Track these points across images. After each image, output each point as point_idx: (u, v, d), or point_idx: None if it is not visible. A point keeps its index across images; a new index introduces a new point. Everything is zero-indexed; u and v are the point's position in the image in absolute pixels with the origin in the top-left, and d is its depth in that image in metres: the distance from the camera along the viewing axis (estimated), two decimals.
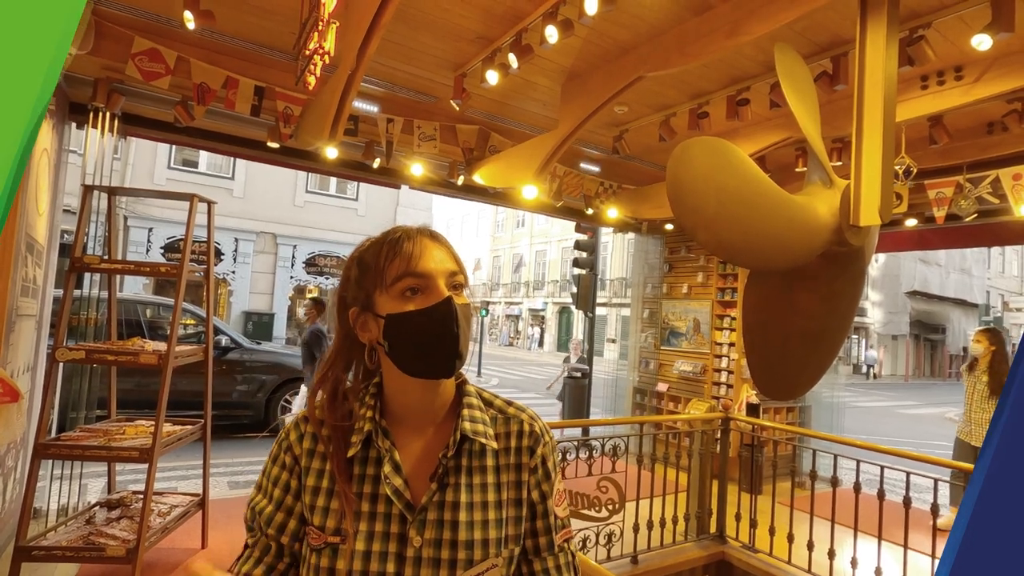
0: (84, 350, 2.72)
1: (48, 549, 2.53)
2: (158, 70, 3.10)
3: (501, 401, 0.90)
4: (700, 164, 1.70)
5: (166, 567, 3.05)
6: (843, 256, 1.97)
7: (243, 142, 4.10)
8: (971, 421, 4.43)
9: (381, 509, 0.77)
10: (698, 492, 3.97)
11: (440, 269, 0.80)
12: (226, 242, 13.06)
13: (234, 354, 6.81)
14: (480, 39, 3.09)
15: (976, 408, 4.41)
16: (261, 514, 0.82)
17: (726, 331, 5.72)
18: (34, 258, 3.21)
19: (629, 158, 4.73)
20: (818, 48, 2.96)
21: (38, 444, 2.59)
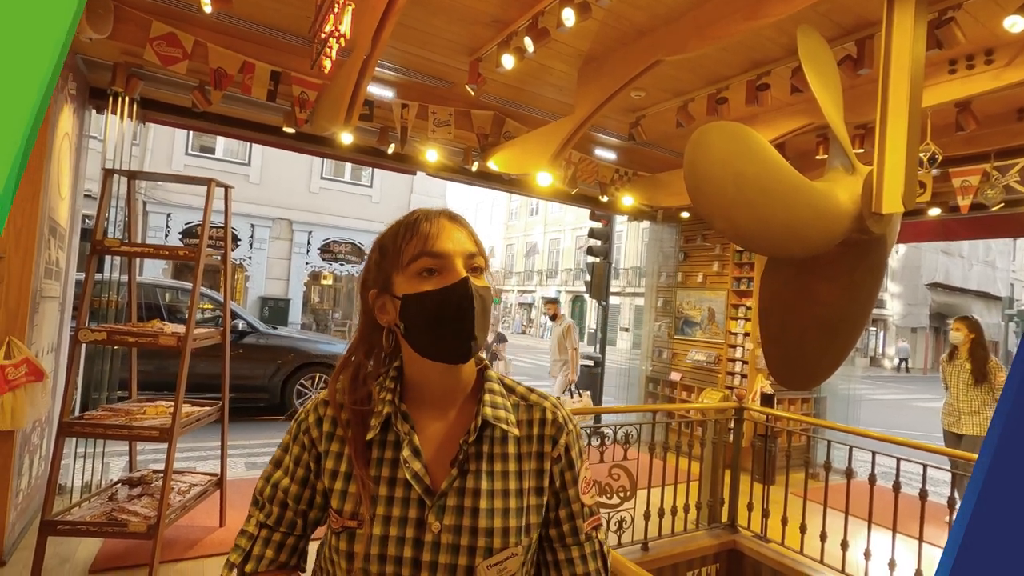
0: (106, 331, 2.78)
1: (72, 524, 2.60)
2: (176, 55, 3.12)
3: (523, 388, 0.89)
4: (718, 149, 1.68)
5: (186, 543, 3.13)
6: (864, 244, 1.93)
7: (259, 127, 4.11)
8: (958, 411, 4.38)
9: (399, 494, 0.77)
10: (710, 481, 3.97)
11: (458, 250, 0.79)
12: (242, 228, 13.21)
13: (251, 338, 6.91)
14: (496, 22, 3.05)
15: (963, 397, 4.37)
16: (278, 487, 0.82)
17: (741, 321, 5.67)
18: (57, 241, 3.28)
19: (645, 145, 4.68)
20: (842, 31, 2.89)
21: (62, 422, 2.65)
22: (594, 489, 0.91)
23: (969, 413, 4.33)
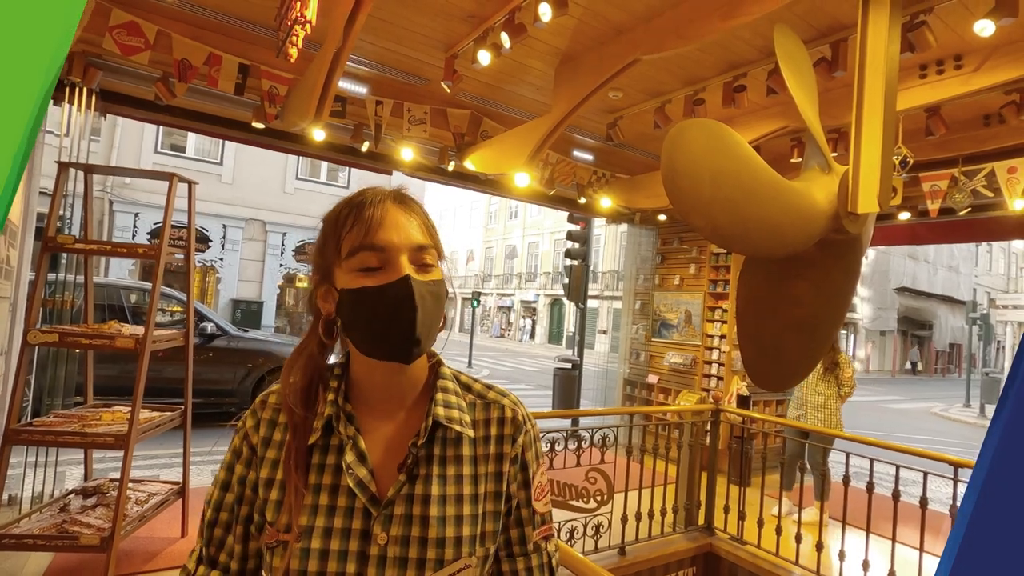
0: (57, 333, 2.63)
1: (19, 537, 2.45)
2: (137, 44, 2.98)
3: (481, 385, 0.82)
4: (696, 146, 1.64)
5: (144, 556, 2.98)
6: (840, 244, 1.92)
7: (227, 123, 3.98)
8: (806, 404, 4.32)
9: (342, 503, 0.70)
10: (687, 484, 3.95)
11: (404, 243, 0.71)
12: (214, 228, 12.88)
13: (220, 341, 6.70)
14: (472, 18, 3.00)
15: (811, 390, 4.31)
16: (219, 512, 0.75)
17: (717, 323, 5.70)
18: (8, 239, 3.11)
19: (623, 146, 4.67)
20: (817, 33, 2.90)
21: (8, 430, 2.50)
22: (549, 496, 0.84)
23: (816, 407, 4.27)
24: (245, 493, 0.74)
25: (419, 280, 0.71)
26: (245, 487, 0.74)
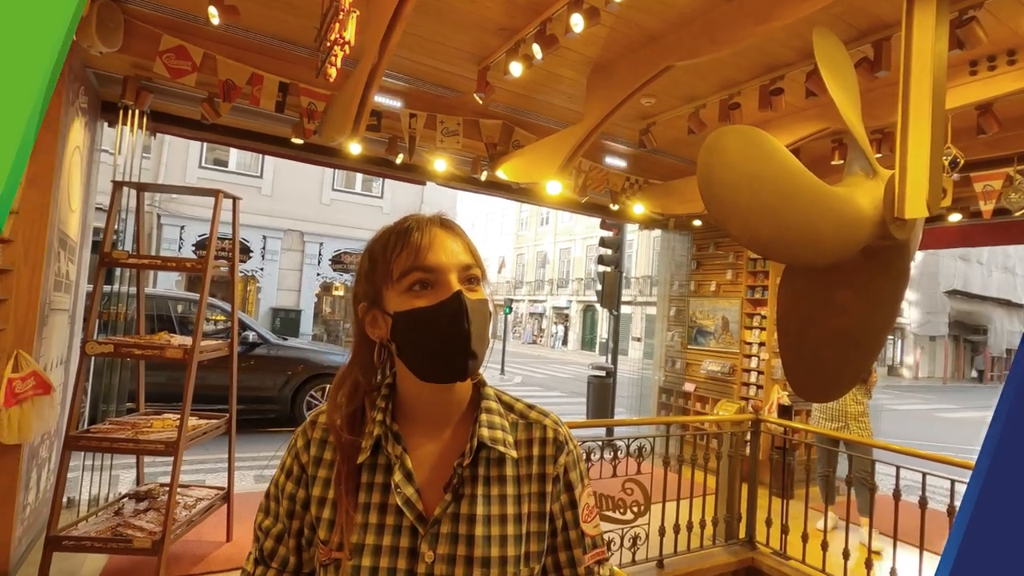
0: (113, 344, 2.76)
1: (77, 539, 2.57)
2: (185, 67, 3.13)
3: (522, 405, 0.83)
4: (733, 152, 1.62)
5: (192, 559, 3.09)
6: (886, 251, 1.86)
7: (268, 139, 4.12)
8: (845, 415, 4.10)
9: (391, 521, 0.72)
10: (727, 496, 3.86)
11: (452, 262, 0.74)
12: (254, 239, 13.31)
13: (261, 349, 6.91)
14: (504, 30, 3.03)
15: (850, 401, 4.10)
16: (268, 534, 0.78)
17: (756, 330, 5.56)
18: (67, 254, 3.28)
19: (656, 152, 4.62)
20: (858, 33, 2.82)
21: (68, 436, 2.63)
22: (597, 518, 0.84)
23: (856, 418, 4.08)
24: (295, 509, 0.77)
25: (470, 298, 0.73)
26: (295, 503, 0.77)
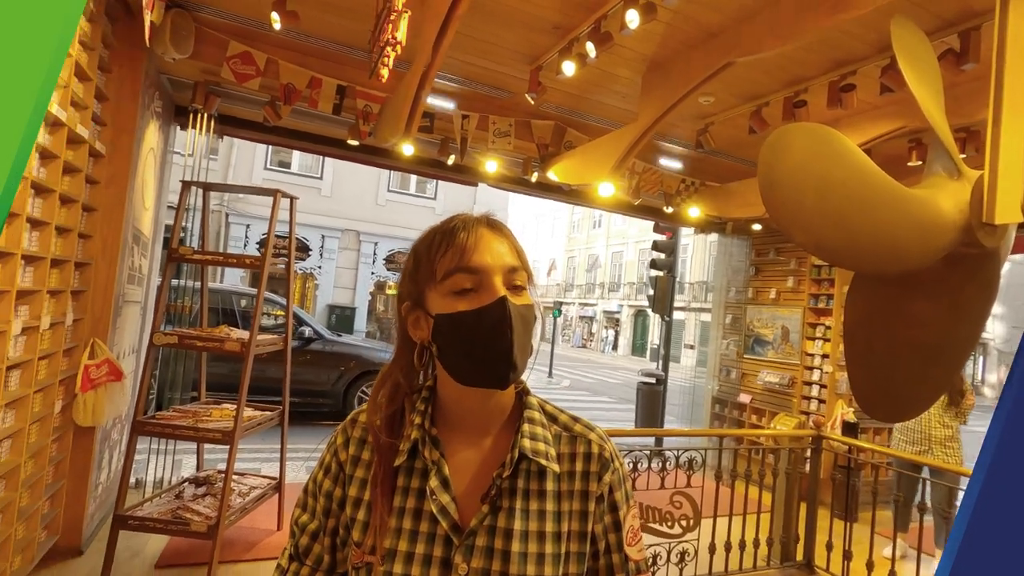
0: (177, 335, 2.91)
1: (141, 519, 2.72)
2: (249, 72, 3.26)
3: (567, 417, 0.79)
4: (798, 152, 1.51)
5: (244, 545, 3.21)
6: (972, 259, 1.69)
7: (326, 140, 4.25)
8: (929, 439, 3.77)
9: (425, 528, 0.69)
10: (783, 515, 3.65)
11: (497, 264, 0.71)
12: (313, 238, 13.82)
13: (316, 345, 7.14)
14: (557, 29, 2.99)
15: (935, 424, 3.75)
16: (304, 531, 0.77)
17: (819, 341, 5.26)
18: (140, 249, 3.49)
19: (714, 153, 4.45)
20: (942, 22, 2.60)
21: (135, 421, 2.79)
22: (642, 542, 0.79)
23: (942, 443, 3.73)
24: (332, 507, 0.76)
25: (514, 303, 0.70)
26: (332, 501, 0.76)
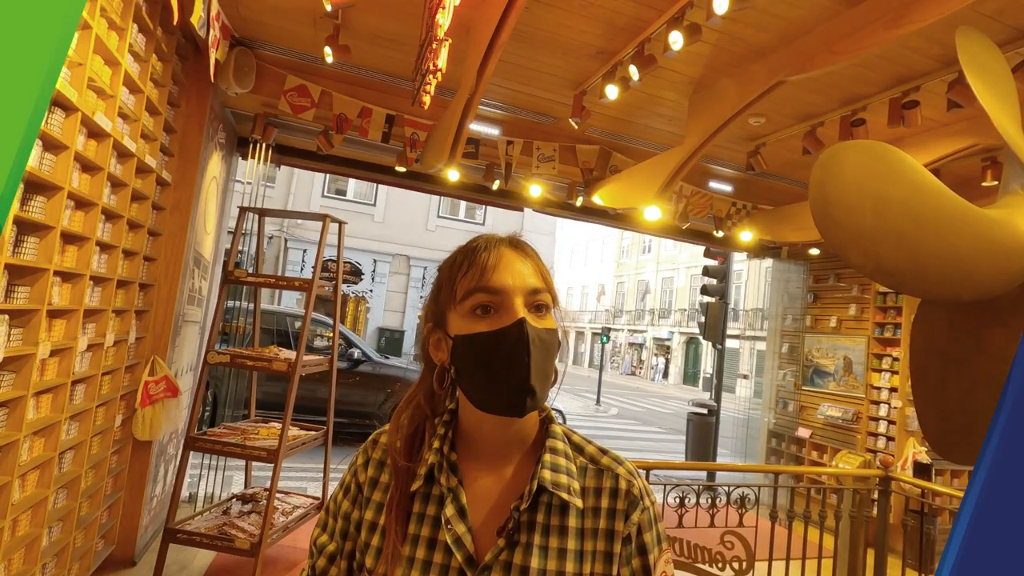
0: (229, 355, 3.02)
1: (189, 534, 2.79)
2: (305, 104, 3.42)
3: (594, 448, 0.75)
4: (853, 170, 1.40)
5: (286, 564, 3.24)
6: None
7: (375, 167, 4.39)
8: None
9: (438, 559, 0.66)
10: (848, 560, 3.37)
11: (518, 285, 0.68)
12: (365, 263, 14.25)
13: (365, 367, 7.28)
14: (600, 54, 2.99)
15: None
16: (322, 552, 0.75)
17: (886, 373, 4.91)
18: (200, 271, 3.68)
19: (766, 175, 4.31)
20: (1016, 33, 2.44)
21: (188, 437, 2.89)
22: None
23: None
24: (349, 530, 0.74)
25: (534, 325, 0.67)
26: (350, 523, 0.75)
